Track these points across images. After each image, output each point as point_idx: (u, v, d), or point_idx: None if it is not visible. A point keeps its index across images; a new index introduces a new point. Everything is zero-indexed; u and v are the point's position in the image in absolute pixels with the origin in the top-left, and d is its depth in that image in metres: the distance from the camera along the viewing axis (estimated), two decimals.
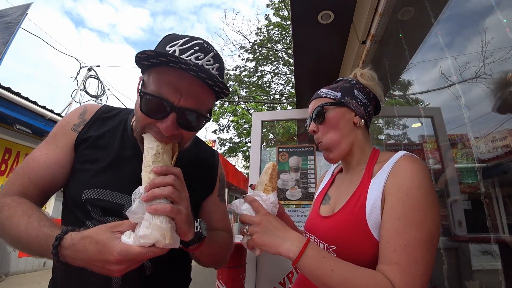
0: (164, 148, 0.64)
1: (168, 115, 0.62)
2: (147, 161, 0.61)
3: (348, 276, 0.55)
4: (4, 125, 4.70)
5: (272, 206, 0.71)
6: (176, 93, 0.62)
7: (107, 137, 0.78)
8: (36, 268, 5.54)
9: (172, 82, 0.61)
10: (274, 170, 0.76)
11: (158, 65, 0.62)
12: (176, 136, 0.66)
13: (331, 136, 0.79)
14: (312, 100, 0.86)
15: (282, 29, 10.50)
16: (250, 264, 2.33)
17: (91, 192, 0.71)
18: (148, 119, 0.64)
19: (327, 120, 0.80)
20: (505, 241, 1.09)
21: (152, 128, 0.64)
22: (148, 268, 0.73)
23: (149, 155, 0.62)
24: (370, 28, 1.70)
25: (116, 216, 0.71)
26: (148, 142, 0.64)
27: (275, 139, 9.68)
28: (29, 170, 0.71)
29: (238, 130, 10.84)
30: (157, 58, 0.59)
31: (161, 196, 0.57)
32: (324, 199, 0.86)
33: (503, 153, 1.17)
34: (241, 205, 0.73)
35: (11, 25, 4.55)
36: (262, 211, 0.68)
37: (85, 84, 8.71)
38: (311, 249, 0.61)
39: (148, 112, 0.63)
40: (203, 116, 0.67)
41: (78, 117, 0.79)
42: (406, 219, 0.58)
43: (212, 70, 0.65)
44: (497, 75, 1.06)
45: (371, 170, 0.73)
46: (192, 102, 0.63)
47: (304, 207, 2.79)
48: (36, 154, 0.74)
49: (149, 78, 0.64)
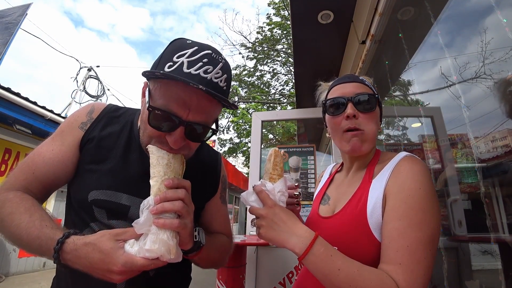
0: (175, 157, 0.64)
1: (176, 128, 0.63)
2: (158, 171, 0.60)
3: (355, 275, 0.55)
4: (4, 126, 4.70)
5: (279, 195, 0.67)
6: (185, 108, 0.62)
7: (113, 137, 0.78)
8: (36, 268, 5.54)
9: (181, 97, 0.61)
10: (277, 156, 0.71)
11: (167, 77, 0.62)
12: (183, 147, 0.66)
13: (374, 129, 0.75)
14: (351, 81, 0.79)
15: (283, 29, 10.51)
16: (250, 264, 2.32)
17: (97, 193, 0.71)
18: (156, 132, 0.64)
19: (375, 113, 0.75)
20: (505, 241, 1.09)
21: (160, 140, 0.65)
22: (152, 269, 0.73)
23: (160, 164, 0.61)
24: (370, 28, 1.70)
25: (120, 218, 0.71)
26: (157, 150, 0.63)
27: (275, 139, 9.68)
28: (34, 165, 0.71)
29: (238, 130, 10.84)
30: (167, 78, 0.60)
31: (171, 211, 0.57)
32: (323, 199, 0.86)
33: (503, 153, 1.17)
34: (249, 197, 0.69)
35: (11, 26, 4.55)
36: (268, 203, 0.65)
37: (85, 84, 8.71)
38: (319, 246, 0.59)
39: (157, 126, 0.63)
40: (210, 128, 0.68)
41: (86, 115, 0.79)
42: (408, 220, 0.58)
43: (221, 83, 0.65)
44: (503, 75, 1.06)
45: (372, 171, 0.72)
46: (200, 116, 0.64)
47: (304, 207, 2.79)
48: (42, 150, 0.73)
49: (156, 90, 0.64)
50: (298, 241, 0.60)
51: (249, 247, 2.31)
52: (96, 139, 0.76)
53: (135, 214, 0.69)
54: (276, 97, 11.07)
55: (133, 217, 0.67)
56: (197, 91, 0.60)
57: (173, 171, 0.61)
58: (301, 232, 0.61)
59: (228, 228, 0.92)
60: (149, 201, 0.57)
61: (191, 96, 0.61)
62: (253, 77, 11.38)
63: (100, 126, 0.78)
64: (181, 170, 0.65)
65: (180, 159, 0.66)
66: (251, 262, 2.34)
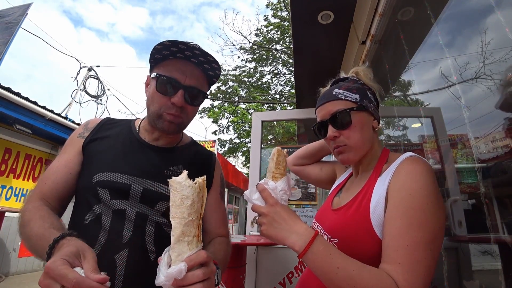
0: (199, 195, 0.58)
1: (178, 91, 0.80)
2: (181, 212, 0.55)
3: (354, 274, 0.55)
4: (4, 125, 4.70)
5: (281, 194, 0.68)
6: (183, 75, 0.81)
7: (113, 136, 0.89)
8: (36, 268, 5.54)
9: (179, 67, 0.81)
10: (280, 155, 0.72)
11: (167, 58, 0.82)
12: (183, 113, 0.83)
13: (357, 137, 0.75)
14: (324, 102, 0.80)
15: (281, 30, 10.51)
16: (250, 264, 2.32)
17: (100, 175, 0.79)
18: (163, 98, 0.81)
19: (353, 126, 0.75)
20: (505, 241, 1.09)
21: (166, 106, 0.81)
22: (152, 253, 0.75)
23: (184, 205, 0.55)
24: (370, 28, 1.70)
25: (122, 198, 0.77)
26: (181, 188, 0.56)
27: (275, 139, 9.68)
28: (46, 178, 0.80)
29: (238, 130, 10.84)
30: (169, 49, 0.78)
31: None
32: (338, 192, 0.88)
33: (503, 153, 1.17)
34: (252, 195, 0.70)
35: (11, 25, 4.55)
36: (270, 201, 0.66)
37: (85, 84, 8.71)
38: (318, 244, 0.59)
39: (163, 90, 0.80)
40: (202, 92, 0.86)
41: (83, 128, 0.91)
42: (408, 219, 0.58)
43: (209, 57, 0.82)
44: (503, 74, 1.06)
45: (380, 169, 0.73)
46: (194, 81, 0.83)
47: (304, 207, 2.79)
48: (52, 165, 0.84)
49: (160, 69, 0.82)
50: (297, 239, 0.60)
51: (249, 247, 2.31)
52: (98, 139, 0.87)
53: (134, 193, 0.78)
54: (276, 97, 11.07)
55: (133, 196, 0.78)
56: (190, 63, 0.82)
57: (196, 212, 0.56)
58: (301, 230, 0.61)
59: (226, 226, 0.95)
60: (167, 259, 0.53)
61: (186, 66, 0.82)
62: (253, 77, 11.38)
63: (99, 131, 0.89)
64: (202, 207, 0.59)
65: (202, 193, 0.59)
66: (251, 262, 2.34)
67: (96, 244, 0.72)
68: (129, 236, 0.74)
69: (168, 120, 0.81)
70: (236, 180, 12.39)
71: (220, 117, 11.00)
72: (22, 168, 5.18)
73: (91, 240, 0.71)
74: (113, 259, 0.71)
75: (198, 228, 0.57)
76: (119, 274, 0.70)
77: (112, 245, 0.72)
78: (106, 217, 0.75)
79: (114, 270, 0.70)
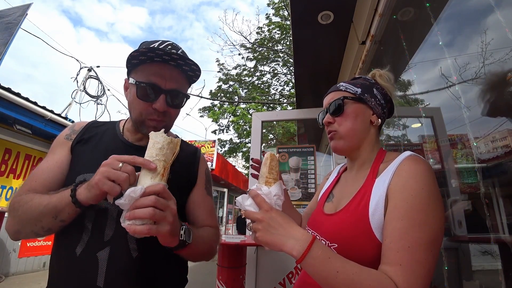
0: (169, 145, 0.67)
1: (159, 96, 0.79)
2: (150, 153, 0.65)
3: (354, 277, 0.54)
4: (4, 126, 4.70)
5: (275, 199, 0.67)
6: (162, 79, 0.79)
7: (98, 136, 0.90)
8: (36, 269, 5.54)
9: (157, 72, 0.79)
10: (273, 160, 0.72)
11: (144, 62, 0.79)
12: (166, 116, 0.82)
13: (349, 126, 0.79)
14: (329, 92, 0.86)
15: (282, 29, 10.51)
16: (250, 265, 2.32)
17: (83, 176, 0.79)
18: (144, 104, 0.80)
19: (345, 113, 0.80)
20: (505, 241, 1.09)
21: (148, 112, 0.80)
22: (135, 250, 0.76)
23: (154, 147, 0.66)
24: (370, 29, 1.70)
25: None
26: (156, 135, 0.68)
27: (275, 140, 9.68)
28: (35, 177, 0.81)
29: (238, 130, 10.84)
30: (146, 54, 0.76)
31: (140, 218, 0.58)
32: (329, 197, 0.86)
33: (503, 153, 1.17)
34: (244, 201, 0.68)
35: (11, 26, 4.55)
36: (264, 206, 0.64)
37: (85, 85, 8.70)
38: (317, 249, 0.58)
39: (144, 97, 0.79)
40: (183, 95, 0.85)
41: (68, 130, 0.92)
42: (409, 220, 0.58)
43: (182, 54, 0.81)
44: (493, 76, 1.06)
45: (377, 170, 0.72)
46: (174, 84, 0.81)
47: (304, 207, 2.79)
48: (41, 165, 0.84)
49: (138, 74, 0.81)
50: (295, 244, 0.59)
51: (249, 248, 2.31)
52: (84, 140, 0.88)
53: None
54: (276, 97, 11.07)
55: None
56: (168, 66, 0.79)
57: (164, 155, 0.65)
58: (299, 235, 0.60)
59: (214, 219, 0.95)
60: (136, 192, 0.59)
61: (164, 70, 0.79)
62: (253, 77, 11.38)
63: (85, 133, 0.90)
64: (171, 157, 0.68)
65: (174, 148, 0.69)
66: (251, 262, 2.34)
67: (80, 243, 0.74)
68: (111, 234, 0.75)
69: (152, 126, 0.81)
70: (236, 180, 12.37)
71: (220, 117, 11.00)
72: (22, 168, 5.18)
73: (75, 239, 0.74)
74: (96, 257, 0.73)
75: (164, 169, 0.65)
76: (101, 272, 0.72)
77: (94, 243, 0.74)
78: (89, 216, 0.76)
79: (96, 268, 0.72)
